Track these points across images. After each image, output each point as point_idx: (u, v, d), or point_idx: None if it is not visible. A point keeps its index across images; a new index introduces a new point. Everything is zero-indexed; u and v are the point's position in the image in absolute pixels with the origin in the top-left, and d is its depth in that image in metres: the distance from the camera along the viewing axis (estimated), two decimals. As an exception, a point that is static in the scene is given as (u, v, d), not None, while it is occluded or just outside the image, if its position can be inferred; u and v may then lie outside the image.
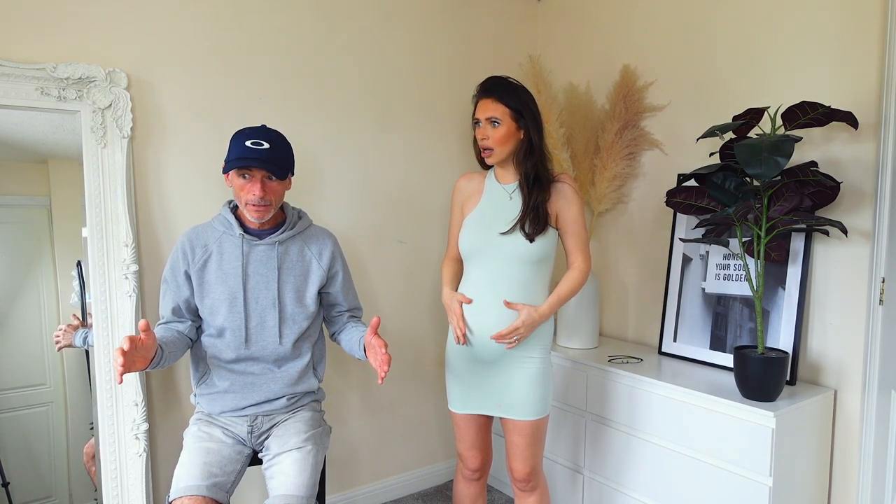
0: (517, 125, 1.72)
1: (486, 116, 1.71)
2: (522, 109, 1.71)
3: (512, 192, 1.78)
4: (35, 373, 1.92)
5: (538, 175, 1.74)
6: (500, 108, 1.70)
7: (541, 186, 1.74)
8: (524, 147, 1.73)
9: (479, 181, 1.85)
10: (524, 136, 1.73)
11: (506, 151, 1.73)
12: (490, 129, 1.71)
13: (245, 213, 1.66)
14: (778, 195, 1.79)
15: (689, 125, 2.30)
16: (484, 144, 1.73)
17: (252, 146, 1.60)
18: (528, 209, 1.71)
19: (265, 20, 2.15)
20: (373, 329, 1.58)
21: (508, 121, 1.70)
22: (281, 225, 1.74)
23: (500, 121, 1.70)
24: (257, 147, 1.60)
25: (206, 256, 1.68)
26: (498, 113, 1.69)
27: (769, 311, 1.99)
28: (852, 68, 1.85)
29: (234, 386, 1.68)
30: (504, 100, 1.70)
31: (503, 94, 1.70)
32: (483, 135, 1.72)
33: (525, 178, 1.74)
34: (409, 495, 2.66)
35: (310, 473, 1.58)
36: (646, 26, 2.43)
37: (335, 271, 1.81)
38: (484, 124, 1.72)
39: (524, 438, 1.77)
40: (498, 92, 1.71)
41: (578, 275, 1.77)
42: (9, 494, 1.90)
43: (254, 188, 1.61)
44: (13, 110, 1.74)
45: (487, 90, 1.72)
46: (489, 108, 1.71)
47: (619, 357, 2.26)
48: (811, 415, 1.83)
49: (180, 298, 1.69)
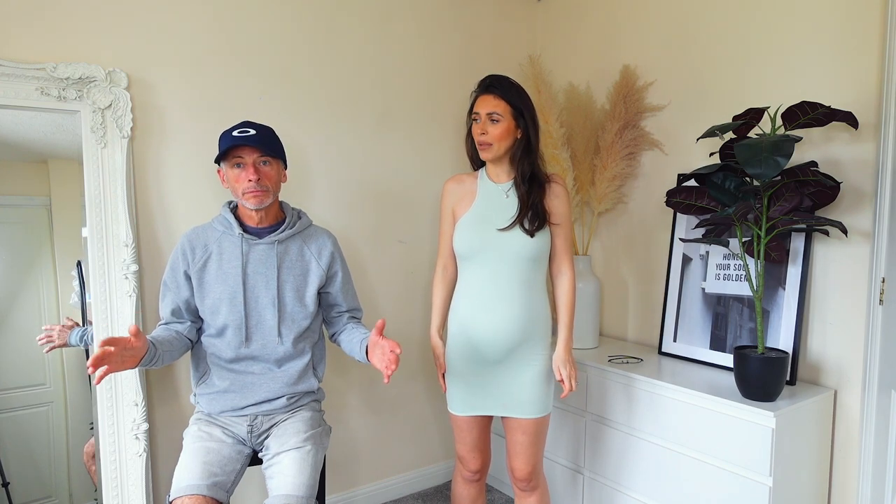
0: (516, 123, 1.73)
1: (487, 112, 1.71)
2: (523, 108, 1.72)
3: (507, 190, 1.78)
4: (35, 373, 1.92)
5: (535, 174, 1.76)
6: (502, 105, 1.71)
7: (539, 185, 1.76)
8: (522, 146, 1.75)
9: (471, 182, 1.84)
10: (522, 136, 1.75)
11: (502, 148, 1.74)
12: (490, 124, 1.72)
13: (244, 204, 1.66)
14: (778, 195, 1.79)
15: (689, 125, 2.30)
16: (482, 140, 1.73)
17: (239, 134, 1.62)
18: (528, 206, 1.73)
19: (265, 20, 2.15)
20: (378, 331, 1.58)
21: (509, 118, 1.71)
22: (280, 224, 1.74)
23: (501, 117, 1.71)
24: (244, 134, 1.63)
25: (206, 256, 1.68)
26: (500, 109, 1.70)
27: (769, 311, 1.99)
28: (852, 68, 1.85)
29: (233, 386, 1.68)
30: (506, 97, 1.71)
31: (505, 92, 1.71)
32: (482, 130, 1.73)
33: (522, 177, 1.75)
34: (409, 495, 2.66)
35: (309, 473, 1.58)
36: (646, 26, 2.43)
37: (334, 271, 1.81)
38: (483, 119, 1.73)
39: (527, 437, 1.77)
40: (500, 89, 1.72)
41: (571, 285, 1.82)
42: (9, 494, 1.90)
43: (248, 174, 1.63)
44: (13, 110, 1.74)
45: (490, 86, 1.73)
46: (490, 103, 1.71)
47: (619, 357, 2.26)
48: (811, 415, 1.83)
49: (180, 299, 1.69)
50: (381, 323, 1.58)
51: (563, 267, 1.82)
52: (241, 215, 1.72)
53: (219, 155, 1.64)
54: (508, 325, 1.72)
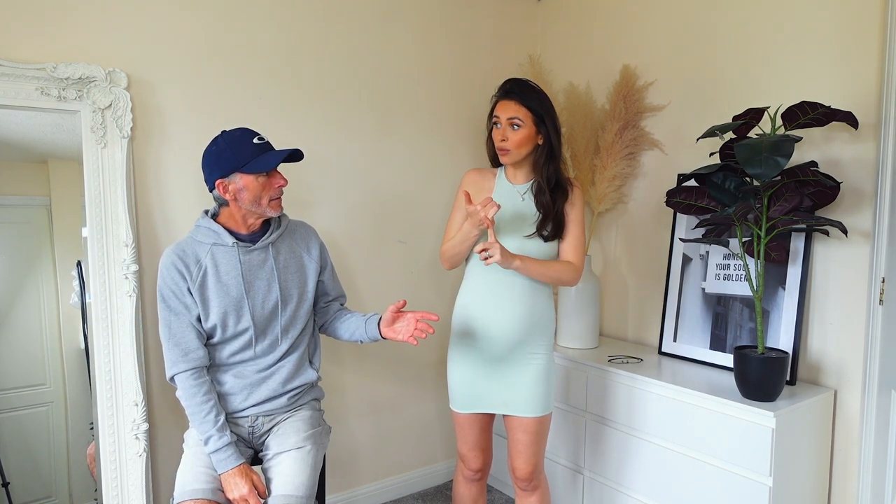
0: (537, 129, 1.72)
1: (508, 117, 1.71)
2: (544, 115, 1.71)
3: (524, 192, 1.79)
4: (35, 373, 1.92)
5: (559, 181, 1.76)
6: (523, 111, 1.70)
7: (563, 193, 1.77)
8: (545, 152, 1.74)
9: (490, 178, 1.85)
10: (544, 142, 1.74)
11: (522, 154, 1.74)
12: (510, 130, 1.71)
13: (265, 212, 1.63)
14: (778, 195, 1.79)
15: (689, 125, 2.30)
16: (502, 146, 1.73)
17: (260, 142, 1.60)
18: (552, 214, 1.74)
19: (265, 20, 2.15)
20: (397, 308, 1.64)
21: (530, 124, 1.71)
22: (267, 227, 1.71)
23: (522, 123, 1.70)
24: (264, 142, 1.61)
25: (202, 272, 1.61)
26: (520, 115, 1.70)
27: (769, 311, 1.99)
28: (852, 68, 1.85)
29: (234, 387, 1.68)
30: (527, 103, 1.70)
31: (526, 98, 1.70)
32: (502, 136, 1.72)
33: (547, 183, 1.75)
34: (409, 495, 2.66)
35: (309, 473, 1.58)
36: (646, 26, 2.43)
37: (325, 261, 1.82)
38: (504, 125, 1.72)
39: (529, 436, 1.77)
40: (521, 94, 1.71)
41: (571, 267, 1.76)
42: (9, 494, 1.90)
43: (280, 180, 1.62)
44: (13, 110, 1.74)
45: (510, 91, 1.72)
46: (511, 109, 1.70)
47: (619, 357, 2.26)
48: (811, 415, 1.83)
49: (193, 318, 1.61)
50: (403, 302, 1.65)
51: (572, 258, 1.77)
52: (225, 224, 1.66)
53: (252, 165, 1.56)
54: (510, 324, 1.72)
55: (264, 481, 1.60)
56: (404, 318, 1.68)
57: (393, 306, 1.65)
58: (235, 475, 1.53)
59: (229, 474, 1.53)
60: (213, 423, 1.57)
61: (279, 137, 2.14)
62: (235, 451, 1.56)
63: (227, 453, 1.55)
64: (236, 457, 1.55)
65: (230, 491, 1.52)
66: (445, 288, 2.68)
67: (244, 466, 1.55)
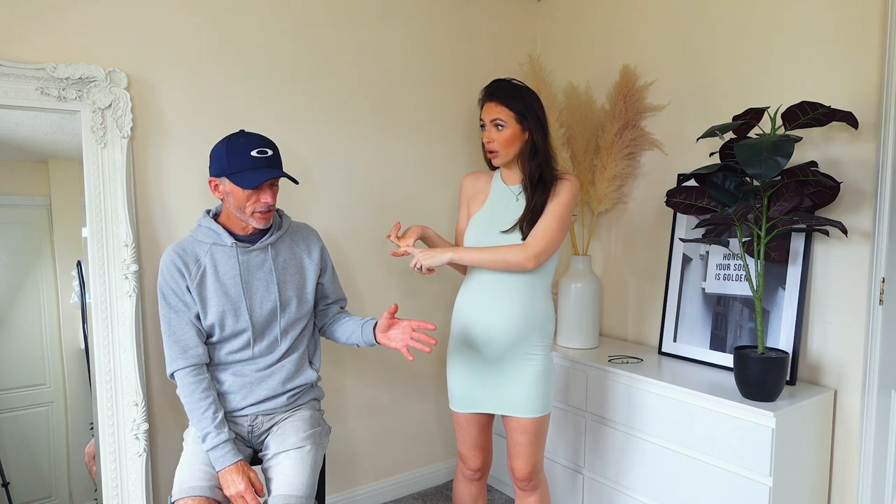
0: (521, 127, 1.73)
1: (491, 119, 1.73)
2: (526, 111, 1.72)
3: (518, 193, 1.79)
4: (35, 373, 1.92)
5: (542, 176, 1.75)
6: (504, 112, 1.71)
7: (544, 188, 1.74)
8: (528, 148, 1.75)
9: (486, 181, 1.87)
10: (528, 138, 1.74)
11: (511, 153, 1.74)
12: (495, 132, 1.73)
13: (248, 221, 1.62)
14: (778, 195, 1.79)
15: (689, 125, 2.30)
16: (489, 147, 1.75)
17: (259, 155, 1.57)
18: (528, 210, 1.73)
19: (265, 20, 2.15)
20: (391, 314, 1.62)
21: (513, 123, 1.72)
22: (268, 227, 1.71)
23: (505, 123, 1.71)
24: (265, 156, 1.58)
25: (201, 272, 1.62)
26: (502, 116, 1.71)
27: (769, 311, 1.99)
28: (852, 68, 1.85)
29: (233, 386, 1.68)
30: (507, 103, 1.71)
31: (506, 98, 1.71)
32: (488, 138, 1.75)
33: (529, 180, 1.75)
34: (409, 495, 2.66)
35: (308, 473, 1.58)
36: (646, 26, 2.43)
37: (325, 264, 1.82)
38: (489, 127, 1.74)
39: (527, 436, 1.77)
40: (501, 95, 1.72)
41: (517, 248, 1.66)
42: (9, 494, 1.90)
43: (266, 197, 1.59)
44: (13, 110, 1.74)
45: (491, 94, 1.74)
46: (493, 111, 1.72)
47: (619, 357, 2.26)
48: (811, 415, 1.83)
49: (192, 316, 1.62)
50: (394, 307, 1.62)
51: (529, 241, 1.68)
52: (226, 224, 1.67)
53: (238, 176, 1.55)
54: (508, 324, 1.72)
55: (264, 481, 1.60)
56: (399, 326, 1.65)
57: (387, 312, 1.64)
58: (232, 472, 1.53)
59: (226, 471, 1.53)
60: (211, 420, 1.57)
61: (279, 137, 2.14)
62: (233, 448, 1.56)
63: (225, 450, 1.55)
64: (234, 454, 1.55)
65: (227, 487, 1.52)
66: (446, 288, 2.68)
67: (241, 463, 1.55)
